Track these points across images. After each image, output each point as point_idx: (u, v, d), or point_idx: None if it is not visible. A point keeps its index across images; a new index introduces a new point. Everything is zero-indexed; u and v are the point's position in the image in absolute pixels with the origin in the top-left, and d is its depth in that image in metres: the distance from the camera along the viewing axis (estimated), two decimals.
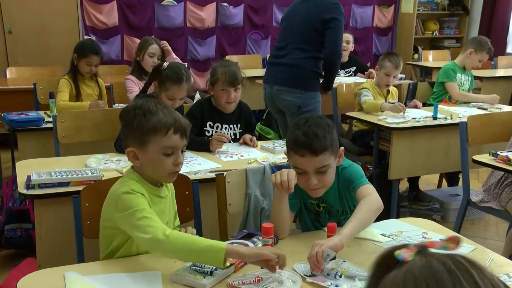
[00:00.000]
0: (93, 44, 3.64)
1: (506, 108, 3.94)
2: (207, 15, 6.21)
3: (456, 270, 0.69)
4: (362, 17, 7.11)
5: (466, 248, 1.69)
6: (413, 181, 3.96)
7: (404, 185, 4.09)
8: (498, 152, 2.63)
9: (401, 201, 3.83)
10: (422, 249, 0.77)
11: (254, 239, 1.62)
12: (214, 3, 6.24)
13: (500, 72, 5.69)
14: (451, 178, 4.01)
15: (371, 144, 3.60)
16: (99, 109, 3.24)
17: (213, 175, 2.06)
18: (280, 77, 3.56)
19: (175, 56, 3.79)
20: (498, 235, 3.50)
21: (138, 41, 5.86)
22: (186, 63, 4.32)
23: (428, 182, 4.30)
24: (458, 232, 3.02)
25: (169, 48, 3.74)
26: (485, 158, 2.68)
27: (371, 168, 3.66)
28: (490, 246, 3.16)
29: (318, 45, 3.47)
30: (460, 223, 3.02)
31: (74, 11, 5.60)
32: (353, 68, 5.09)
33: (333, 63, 3.52)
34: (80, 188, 1.86)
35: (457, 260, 0.72)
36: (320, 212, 1.88)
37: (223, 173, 1.95)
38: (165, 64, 2.70)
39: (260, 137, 4.57)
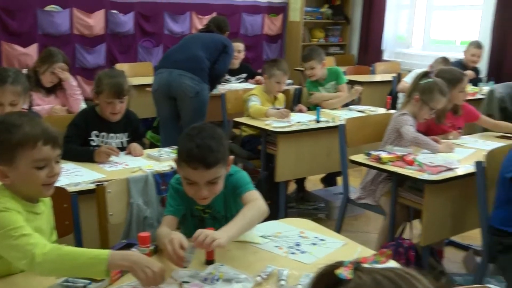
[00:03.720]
0: None
1: (381, 110, 4.19)
2: (96, 22, 6.00)
3: (402, 284, 0.74)
4: (252, 25, 7.25)
5: (338, 243, 1.76)
6: (300, 182, 4.10)
7: (293, 187, 4.22)
8: (371, 152, 2.80)
9: (290, 202, 3.95)
10: (358, 266, 0.80)
11: (133, 249, 1.59)
12: (103, 10, 6.05)
13: (377, 78, 6.03)
14: (329, 179, 4.21)
15: (260, 148, 3.68)
16: None
17: (93, 186, 1.99)
18: (183, 64, 3.90)
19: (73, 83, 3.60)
20: (377, 229, 3.71)
21: (19, 48, 5.60)
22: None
23: (316, 183, 4.47)
24: (340, 228, 3.17)
25: (66, 76, 3.52)
26: (360, 158, 2.84)
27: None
28: (371, 239, 3.37)
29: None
30: (341, 220, 3.18)
31: None
32: (244, 75, 5.17)
33: (218, 79, 4.27)
34: None
35: (400, 275, 0.77)
36: (205, 218, 1.88)
37: (103, 184, 1.90)
38: None
39: (152, 145, 4.51)
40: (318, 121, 3.60)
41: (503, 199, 2.30)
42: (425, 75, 3.15)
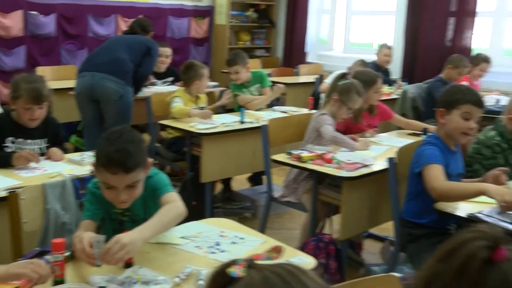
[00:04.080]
0: None
1: (305, 111, 4.27)
2: (13, 23, 5.71)
3: (290, 280, 0.75)
4: (179, 28, 7.19)
5: (256, 241, 1.78)
6: (226, 183, 4.11)
7: (220, 187, 4.22)
8: (292, 151, 2.85)
9: (216, 202, 3.95)
10: (251, 263, 0.79)
11: (47, 257, 1.53)
12: (21, 10, 5.77)
13: (301, 79, 6.16)
14: (256, 178, 4.25)
15: (186, 150, 3.65)
16: None
17: (5, 193, 1.90)
18: (106, 67, 3.80)
19: None
20: (300, 225, 3.79)
21: None
22: None
23: (243, 182, 4.50)
24: (264, 226, 3.21)
25: None
26: (282, 157, 2.88)
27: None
28: (295, 236, 3.42)
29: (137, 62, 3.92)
30: (265, 218, 3.21)
31: None
32: (171, 79, 5.11)
33: (142, 82, 4.15)
34: None
35: (288, 270, 0.77)
36: (124, 221, 1.84)
37: (16, 191, 1.81)
38: None
39: (76, 149, 4.37)
40: (242, 122, 3.62)
41: (412, 193, 2.41)
42: (343, 76, 3.25)
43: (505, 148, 2.60)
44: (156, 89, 4.70)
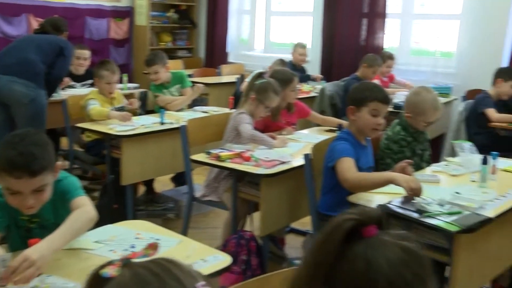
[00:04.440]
0: None
1: (226, 111, 4.26)
2: None
3: (159, 272, 0.76)
4: (98, 29, 6.96)
5: (172, 241, 1.76)
6: (149, 184, 4.03)
7: (143, 189, 4.14)
8: (211, 151, 2.84)
9: (139, 205, 3.87)
10: (127, 262, 0.79)
11: None
12: None
13: (223, 79, 6.17)
14: (180, 178, 4.21)
15: (105, 152, 3.55)
16: None
17: None
18: (14, 68, 3.58)
19: None
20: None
21: None
22: None
23: (167, 183, 4.43)
24: (186, 226, 3.18)
25: None
26: (201, 157, 2.87)
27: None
28: (219, 234, 3.41)
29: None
30: (187, 218, 3.18)
31: None
32: (90, 81, 4.93)
33: (56, 84, 3.93)
34: None
35: (158, 263, 0.78)
36: (32, 228, 1.76)
37: None
38: None
39: None
40: (162, 123, 3.57)
41: (327, 187, 2.48)
42: (259, 76, 3.29)
43: (410, 141, 2.73)
44: (74, 91, 4.52)
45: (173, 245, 1.73)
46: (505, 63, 4.90)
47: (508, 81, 4.11)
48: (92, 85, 4.91)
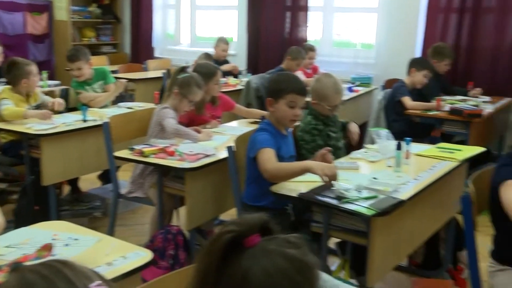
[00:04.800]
0: None
1: (152, 106, 4.18)
2: None
3: (48, 274, 0.72)
4: (13, 24, 6.62)
5: (91, 240, 1.70)
6: (73, 183, 3.90)
7: (68, 189, 3.99)
8: (134, 146, 2.78)
9: (64, 205, 3.73)
10: (16, 266, 0.75)
11: None
12: None
13: (150, 74, 6.05)
14: (107, 176, 4.10)
15: (23, 153, 3.38)
16: None
17: None
18: None
19: None
20: None
21: None
22: None
23: (94, 181, 4.30)
24: (113, 224, 3.10)
25: None
26: (124, 153, 2.80)
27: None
28: (147, 230, 3.36)
29: None
30: (114, 216, 3.11)
31: None
32: (3, 79, 4.69)
33: None
34: None
35: (48, 265, 0.75)
36: None
37: None
38: None
39: None
40: (85, 121, 3.45)
41: (250, 177, 2.49)
42: (182, 70, 3.25)
43: (322, 129, 2.77)
44: None
45: (91, 244, 1.68)
46: (418, 54, 5.13)
47: (421, 71, 4.31)
48: (8, 82, 4.67)
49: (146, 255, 1.62)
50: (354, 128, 2.95)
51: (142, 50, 7.24)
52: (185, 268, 1.46)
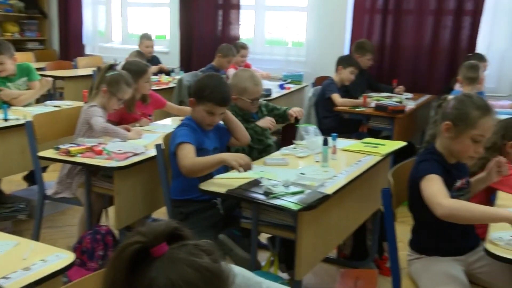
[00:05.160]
0: None
1: (78, 104, 4.03)
2: None
3: None
4: None
5: (8, 245, 1.61)
6: None
7: None
8: (60, 146, 2.67)
9: None
10: None
11: None
12: None
13: (80, 72, 5.84)
14: (32, 177, 3.92)
15: None
16: None
17: None
18: None
19: None
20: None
21: None
22: None
23: (20, 183, 4.10)
24: (38, 226, 2.97)
25: None
26: (49, 153, 2.69)
27: None
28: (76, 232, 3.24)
29: None
30: (39, 218, 2.98)
31: None
32: None
33: None
34: None
35: None
36: None
37: None
38: None
39: None
40: (6, 120, 3.27)
41: (175, 172, 2.46)
42: (110, 67, 3.15)
43: (241, 121, 2.78)
44: None
45: (8, 249, 1.59)
46: (346, 52, 5.27)
47: (347, 68, 4.42)
48: None
49: (67, 257, 1.56)
50: (295, 108, 2.97)
51: (71, 47, 6.98)
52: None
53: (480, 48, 4.78)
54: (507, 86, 4.84)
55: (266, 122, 2.96)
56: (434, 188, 1.82)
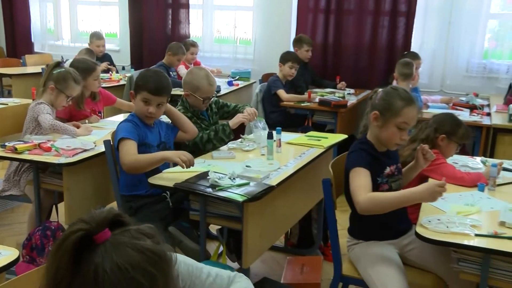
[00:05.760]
0: None
1: (26, 101, 3.90)
2: None
3: None
4: None
5: None
6: None
7: None
8: (6, 143, 2.58)
9: None
10: None
11: None
12: None
13: (28, 70, 5.65)
14: None
15: None
16: None
17: None
18: None
19: None
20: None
21: None
22: None
23: None
24: None
25: None
26: None
27: None
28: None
29: None
30: None
31: None
32: None
33: None
34: None
35: None
36: None
37: None
38: None
39: None
40: None
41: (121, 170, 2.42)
42: (57, 65, 3.07)
43: (190, 117, 2.78)
44: None
45: None
46: (292, 49, 5.33)
47: (286, 63, 4.47)
48: None
49: (11, 254, 1.51)
50: (249, 109, 2.95)
51: (19, 44, 6.72)
52: None
53: (414, 47, 4.95)
54: (438, 82, 5.04)
55: (239, 118, 2.90)
56: (357, 183, 1.89)
